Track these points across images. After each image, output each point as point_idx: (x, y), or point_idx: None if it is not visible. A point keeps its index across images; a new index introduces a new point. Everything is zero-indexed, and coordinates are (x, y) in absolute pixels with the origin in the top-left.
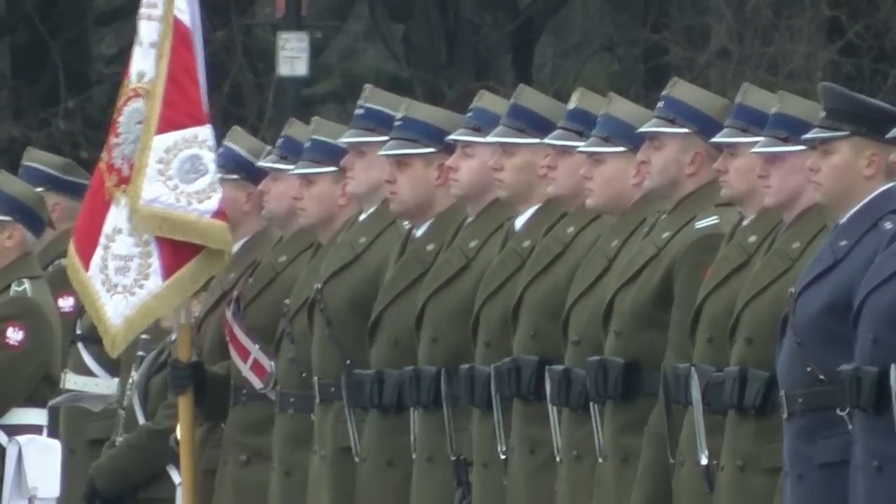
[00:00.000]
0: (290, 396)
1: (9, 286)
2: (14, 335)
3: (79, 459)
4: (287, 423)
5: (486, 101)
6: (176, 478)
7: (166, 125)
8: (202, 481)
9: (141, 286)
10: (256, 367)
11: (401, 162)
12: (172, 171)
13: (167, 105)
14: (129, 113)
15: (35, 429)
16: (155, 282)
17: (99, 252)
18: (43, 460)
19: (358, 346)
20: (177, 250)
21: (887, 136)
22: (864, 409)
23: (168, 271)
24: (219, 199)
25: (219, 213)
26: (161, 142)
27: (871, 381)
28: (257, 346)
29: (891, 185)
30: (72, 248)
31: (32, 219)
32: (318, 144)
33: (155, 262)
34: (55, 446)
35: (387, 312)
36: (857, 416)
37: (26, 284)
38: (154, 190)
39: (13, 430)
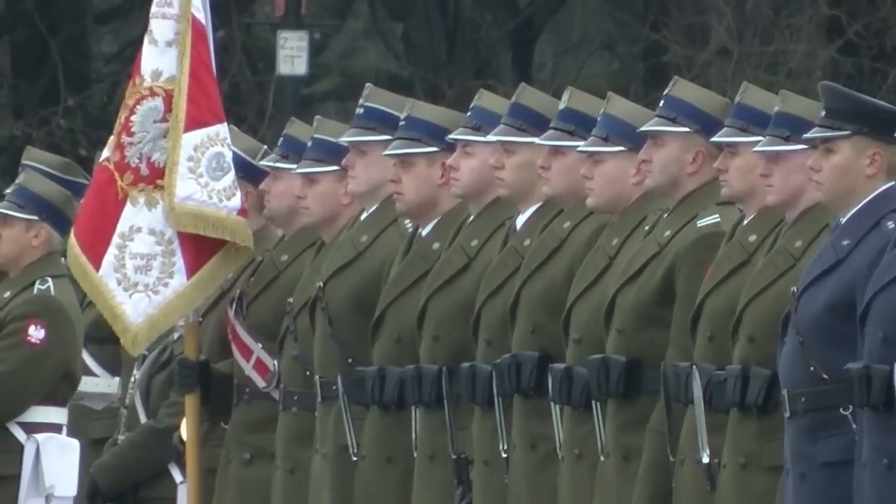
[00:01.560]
0: (294, 395)
1: (32, 284)
2: (35, 333)
3: (81, 458)
4: (291, 422)
5: (486, 100)
6: (177, 476)
7: (193, 123)
8: (202, 480)
9: (165, 284)
10: (259, 366)
11: (405, 162)
12: (202, 168)
13: (192, 103)
14: (144, 112)
15: (54, 427)
16: (179, 280)
17: (112, 251)
18: (61, 459)
19: (359, 344)
20: (199, 248)
21: (895, 134)
22: (874, 408)
23: (192, 269)
24: (240, 197)
25: (242, 211)
26: (189, 140)
27: (881, 379)
28: (260, 344)
29: (892, 183)
30: (76, 249)
31: (59, 218)
32: (320, 143)
33: (179, 261)
34: (73, 445)
35: (390, 310)
36: (866, 414)
37: (50, 283)
38: (187, 187)
39: (32, 428)
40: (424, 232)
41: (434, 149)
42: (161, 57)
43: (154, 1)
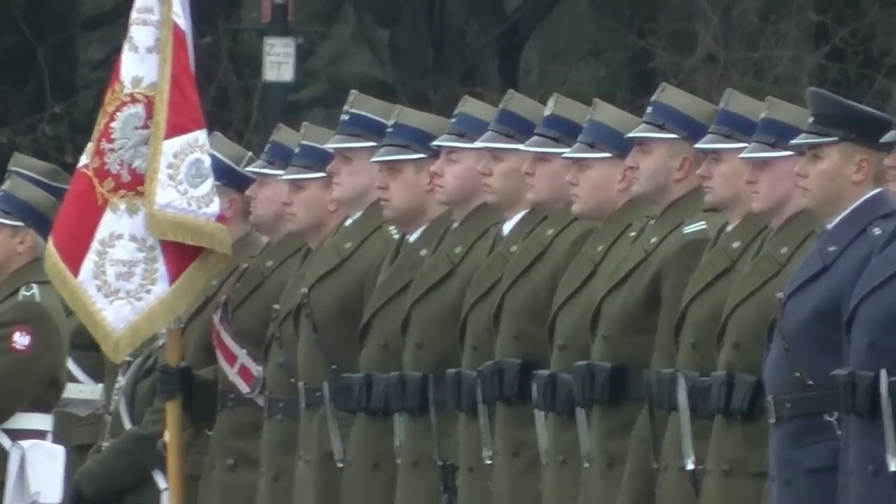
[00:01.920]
0: (279, 402)
1: (17, 290)
2: (21, 339)
3: (66, 465)
4: (275, 429)
5: (471, 106)
6: (161, 483)
7: (173, 130)
8: (186, 487)
9: (148, 291)
10: (243, 372)
11: (392, 168)
12: (181, 175)
13: (173, 110)
14: (124, 118)
15: (39, 434)
16: (162, 286)
17: (91, 258)
18: (46, 465)
19: (343, 350)
20: (180, 255)
21: (881, 140)
22: (859, 414)
23: (174, 275)
24: (219, 204)
25: (220, 217)
26: (169, 147)
27: (866, 385)
28: (244, 350)
29: (879, 190)
30: (54, 255)
31: (45, 225)
32: (307, 150)
33: (161, 267)
34: (59, 452)
35: (377, 316)
36: (852, 420)
37: (35, 289)
38: (167, 195)
39: (17, 435)
40: (412, 239)
41: (422, 155)
42: (141, 63)
43: (134, 7)
